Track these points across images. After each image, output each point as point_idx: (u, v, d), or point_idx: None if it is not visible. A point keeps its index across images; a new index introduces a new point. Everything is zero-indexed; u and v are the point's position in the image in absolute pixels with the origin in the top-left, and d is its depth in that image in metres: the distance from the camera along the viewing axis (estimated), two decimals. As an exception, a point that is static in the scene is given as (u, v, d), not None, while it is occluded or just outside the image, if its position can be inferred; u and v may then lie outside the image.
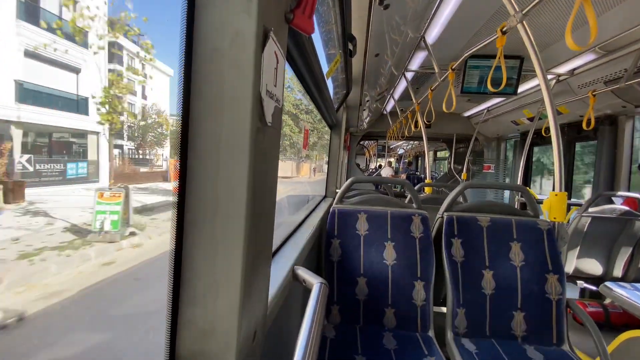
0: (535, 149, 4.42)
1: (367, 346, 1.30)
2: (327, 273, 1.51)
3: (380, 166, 10.46)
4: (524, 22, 1.37)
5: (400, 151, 14.21)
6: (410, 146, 11.61)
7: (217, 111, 0.45)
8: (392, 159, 12.74)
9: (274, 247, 1.16)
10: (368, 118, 4.65)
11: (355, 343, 1.32)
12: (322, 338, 1.34)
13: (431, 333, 1.42)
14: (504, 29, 1.49)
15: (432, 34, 2.05)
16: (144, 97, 19.23)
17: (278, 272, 0.89)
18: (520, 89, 2.79)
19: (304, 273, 0.90)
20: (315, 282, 0.79)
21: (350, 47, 1.54)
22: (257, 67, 0.45)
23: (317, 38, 1.63)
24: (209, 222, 0.47)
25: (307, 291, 0.77)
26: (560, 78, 2.49)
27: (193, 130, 0.46)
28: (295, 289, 0.98)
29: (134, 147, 17.59)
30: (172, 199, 0.47)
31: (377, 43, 1.97)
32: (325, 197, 3.15)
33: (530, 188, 4.28)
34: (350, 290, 1.49)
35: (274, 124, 0.55)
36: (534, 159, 4.58)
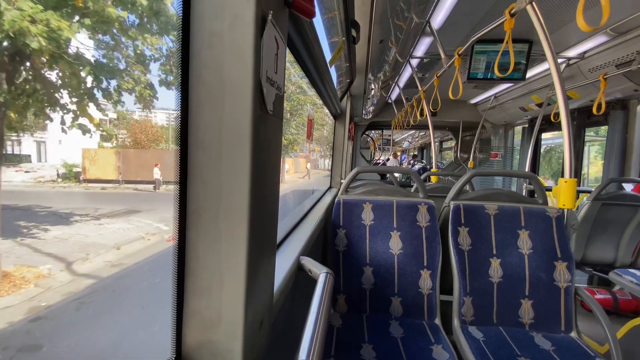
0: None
1: (374, 334, 1.31)
2: (333, 263, 1.52)
3: (388, 159, 10.36)
4: (533, 3, 1.33)
5: (405, 144, 14.06)
6: (416, 135, 11.47)
7: (217, 98, 0.44)
8: (397, 152, 12.56)
9: (279, 238, 1.17)
10: (373, 107, 4.60)
11: (362, 331, 1.33)
12: (329, 327, 1.35)
13: (438, 321, 1.43)
14: (512, 11, 1.44)
15: (438, 19, 2.00)
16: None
17: (284, 262, 0.89)
18: (529, 74, 2.72)
19: (310, 263, 0.90)
20: (320, 272, 0.79)
21: (354, 33, 1.51)
22: (257, 53, 0.43)
23: (319, 26, 1.60)
24: (212, 213, 0.46)
25: (314, 281, 0.77)
26: (571, 62, 2.43)
27: (193, 118, 0.45)
28: (302, 279, 0.98)
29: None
30: (174, 189, 0.46)
31: (381, 29, 1.93)
32: (330, 187, 3.15)
33: (538, 175, 4.22)
34: (357, 280, 1.49)
35: (276, 112, 0.54)
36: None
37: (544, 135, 4.38)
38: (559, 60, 2.41)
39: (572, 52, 2.33)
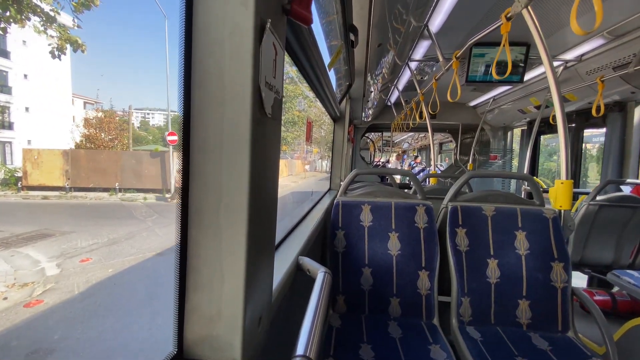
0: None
1: (372, 335, 1.32)
2: (332, 264, 1.53)
3: (388, 161, 10.38)
4: (529, 7, 1.35)
5: (405, 145, 14.09)
6: (415, 137, 11.49)
7: (217, 103, 0.46)
8: (400, 153, 12.61)
9: (279, 238, 1.18)
10: (372, 110, 4.63)
11: (360, 332, 1.34)
12: (328, 327, 1.36)
13: (436, 321, 1.44)
14: (508, 15, 1.47)
15: (436, 22, 2.02)
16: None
17: (283, 261, 0.91)
18: (527, 77, 2.74)
19: (308, 263, 0.92)
20: (319, 271, 0.81)
21: (352, 37, 1.53)
22: (256, 59, 0.45)
23: (318, 30, 1.62)
24: (213, 212, 0.48)
25: (313, 281, 0.79)
26: (568, 64, 2.45)
27: (195, 121, 0.47)
28: (301, 279, 0.99)
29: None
30: (177, 188, 0.48)
31: (380, 33, 1.95)
32: (329, 189, 3.16)
33: (537, 177, 4.24)
34: (355, 280, 1.51)
35: (274, 115, 0.56)
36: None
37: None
38: (557, 63, 2.44)
39: (570, 55, 2.35)
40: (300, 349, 0.50)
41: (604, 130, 2.99)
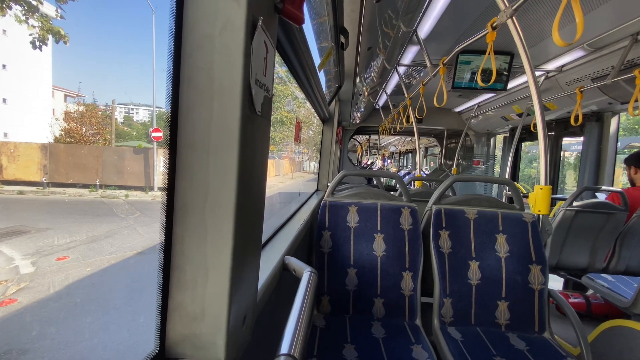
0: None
1: (356, 335, 1.33)
2: (317, 264, 1.54)
3: (372, 163, 10.49)
4: (513, 17, 1.39)
5: (392, 148, 14.26)
6: (402, 140, 11.63)
7: (206, 99, 0.45)
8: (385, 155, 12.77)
9: (265, 238, 1.18)
10: (360, 112, 4.66)
11: (344, 332, 1.35)
12: (312, 327, 1.36)
13: (418, 322, 1.46)
14: (494, 25, 1.51)
15: (425, 29, 2.06)
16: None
17: (269, 261, 0.91)
18: (511, 85, 2.82)
19: (294, 263, 0.92)
20: (304, 271, 0.81)
21: (342, 40, 1.54)
22: (247, 56, 0.45)
23: (309, 31, 1.63)
24: (199, 210, 0.48)
25: (298, 281, 0.79)
26: (549, 74, 2.53)
27: (182, 117, 0.46)
28: (287, 279, 0.99)
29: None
30: (163, 185, 0.48)
31: (370, 37, 1.97)
32: (317, 190, 3.17)
33: (517, 182, 4.36)
34: (340, 281, 1.52)
35: (264, 113, 0.56)
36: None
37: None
38: (539, 73, 2.52)
39: (551, 65, 2.43)
40: (284, 348, 0.50)
41: (581, 139, 3.11)
